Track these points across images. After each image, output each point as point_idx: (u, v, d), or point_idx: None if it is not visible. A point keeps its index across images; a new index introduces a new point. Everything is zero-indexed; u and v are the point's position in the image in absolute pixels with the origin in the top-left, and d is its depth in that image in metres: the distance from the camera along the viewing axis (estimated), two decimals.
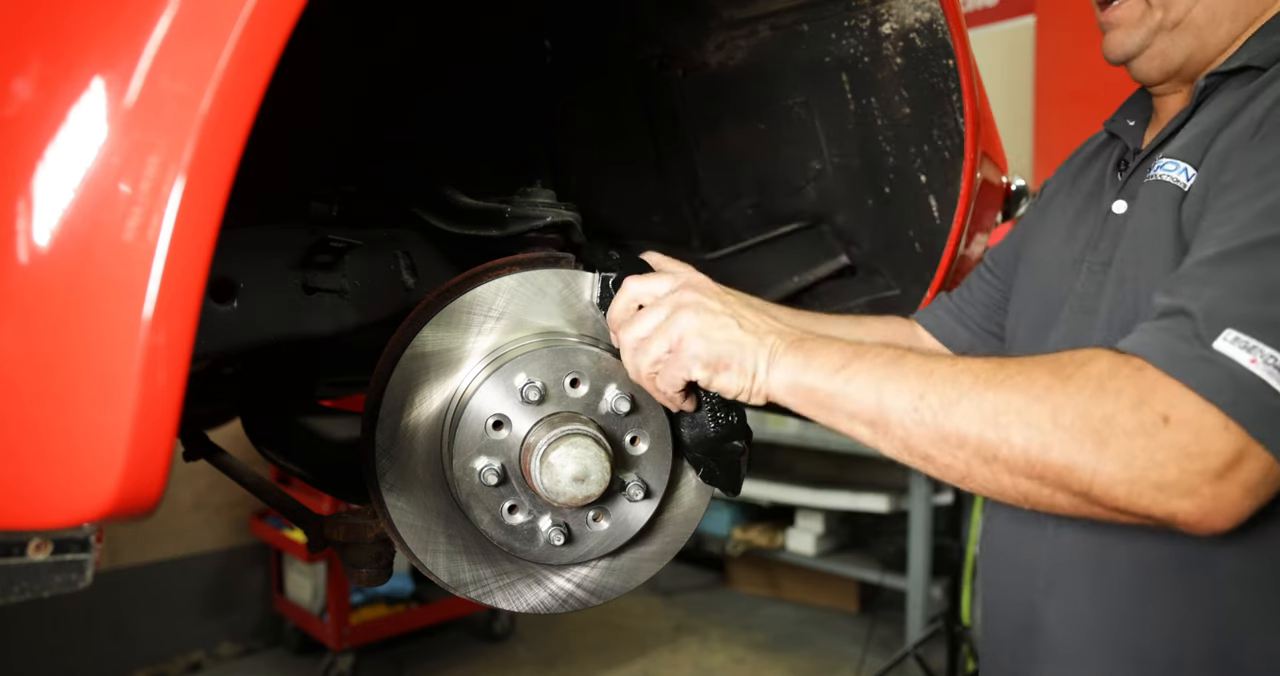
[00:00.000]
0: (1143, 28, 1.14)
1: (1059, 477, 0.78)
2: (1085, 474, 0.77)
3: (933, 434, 0.82)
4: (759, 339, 0.91)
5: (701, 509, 1.06)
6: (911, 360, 0.85)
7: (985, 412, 0.80)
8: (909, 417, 0.83)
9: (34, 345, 0.58)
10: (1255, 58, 1.03)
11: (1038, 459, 0.78)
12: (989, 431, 0.79)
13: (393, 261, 1.15)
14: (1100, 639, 1.05)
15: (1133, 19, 1.14)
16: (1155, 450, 0.75)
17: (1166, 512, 0.77)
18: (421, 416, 0.97)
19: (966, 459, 0.81)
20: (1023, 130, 4.35)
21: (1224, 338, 0.77)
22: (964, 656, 3.65)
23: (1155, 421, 0.75)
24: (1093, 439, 0.76)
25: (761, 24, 1.39)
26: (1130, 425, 0.76)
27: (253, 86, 0.61)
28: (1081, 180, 1.30)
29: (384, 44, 1.23)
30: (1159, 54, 1.14)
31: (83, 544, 0.67)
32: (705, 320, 0.91)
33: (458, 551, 0.99)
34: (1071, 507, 0.81)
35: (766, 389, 0.90)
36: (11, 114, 0.59)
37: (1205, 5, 1.10)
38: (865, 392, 0.85)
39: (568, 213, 1.09)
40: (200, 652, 4.27)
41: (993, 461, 0.80)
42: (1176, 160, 1.04)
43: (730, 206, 1.59)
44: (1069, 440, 0.76)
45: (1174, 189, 1.01)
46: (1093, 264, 1.14)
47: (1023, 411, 0.78)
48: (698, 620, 4.87)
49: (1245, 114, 0.98)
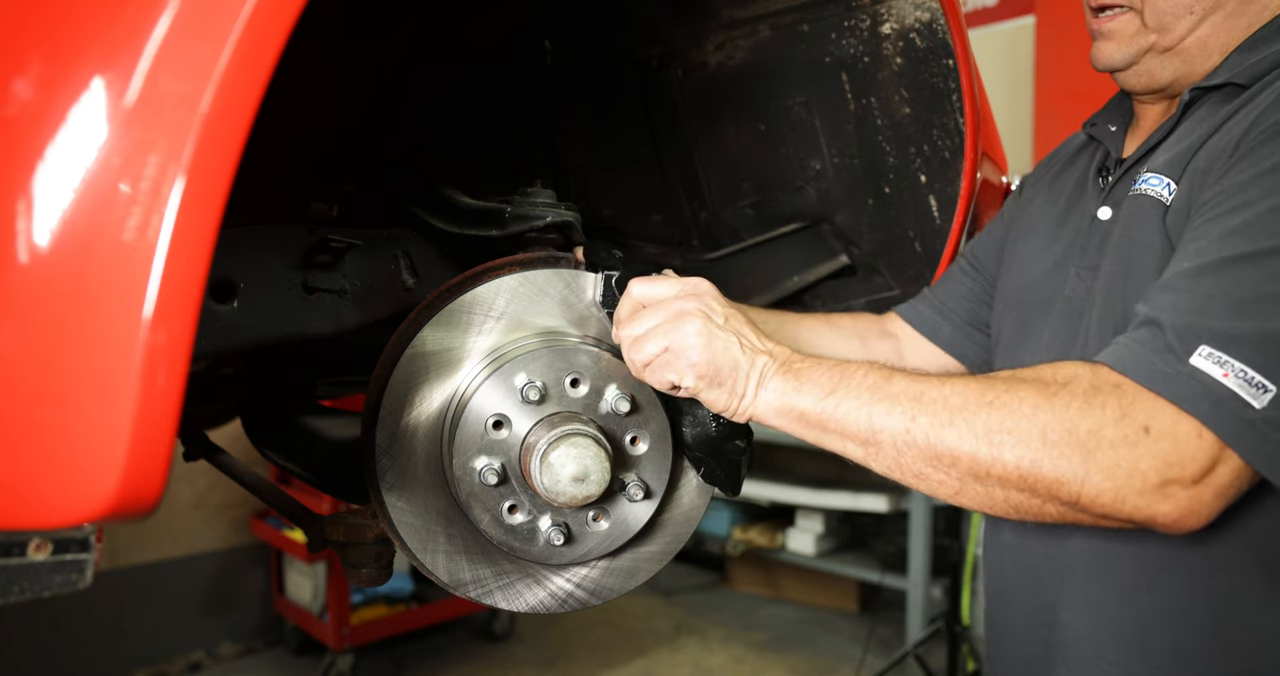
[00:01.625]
0: (1134, 46, 1.13)
1: (1049, 489, 0.83)
2: (1074, 485, 0.82)
3: (926, 454, 0.86)
4: (751, 360, 0.92)
5: (701, 509, 1.06)
6: (900, 381, 0.89)
7: (977, 432, 0.84)
8: (901, 439, 0.87)
9: (34, 345, 0.58)
10: (1238, 75, 1.04)
11: (1029, 473, 0.83)
12: (982, 449, 0.84)
13: (393, 261, 1.15)
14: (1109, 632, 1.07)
15: (1125, 35, 1.14)
16: (1138, 459, 0.81)
17: (1147, 516, 0.83)
18: (421, 416, 0.97)
19: (959, 476, 0.86)
20: (1023, 130, 4.35)
21: (1199, 353, 0.83)
22: (964, 656, 3.65)
23: (1138, 432, 0.81)
24: (1079, 452, 0.81)
25: (761, 24, 1.39)
26: (1115, 437, 0.81)
27: (253, 86, 0.61)
28: (1062, 182, 1.30)
29: (384, 44, 1.23)
30: (1146, 72, 1.14)
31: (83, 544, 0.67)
32: (710, 332, 0.92)
33: (457, 551, 0.99)
34: (1059, 516, 0.85)
35: (752, 410, 0.93)
36: (11, 114, 0.59)
37: (1199, 37, 1.10)
38: (856, 415, 0.88)
39: (568, 213, 1.09)
40: (200, 652, 4.27)
41: (985, 478, 0.85)
42: (1160, 175, 1.05)
43: (730, 206, 1.59)
44: (1058, 455, 0.81)
45: (1157, 203, 1.04)
46: (1081, 269, 1.15)
47: (1013, 430, 0.83)
48: (698, 620, 4.87)
49: (1225, 131, 1.00)
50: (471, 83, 1.45)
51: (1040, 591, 1.15)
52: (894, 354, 1.43)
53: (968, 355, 1.42)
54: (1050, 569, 1.13)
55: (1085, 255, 1.15)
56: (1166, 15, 1.10)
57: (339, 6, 1.00)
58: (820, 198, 1.51)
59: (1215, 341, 0.82)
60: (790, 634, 4.69)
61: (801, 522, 4.88)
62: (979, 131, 1.34)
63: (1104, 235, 1.13)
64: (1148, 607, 1.04)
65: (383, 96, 1.30)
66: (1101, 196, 1.17)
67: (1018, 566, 1.19)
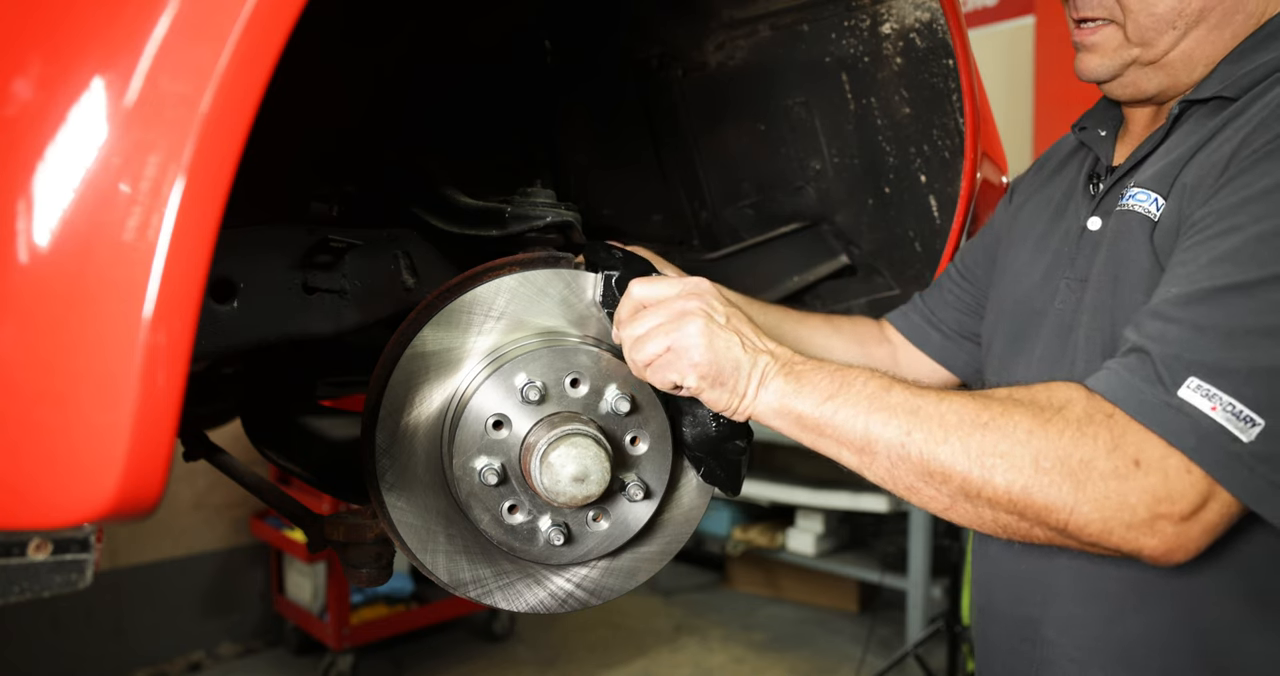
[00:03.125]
0: (1117, 59, 1.11)
1: (1038, 515, 0.83)
2: (1063, 513, 0.82)
3: (919, 469, 0.87)
4: (753, 359, 0.92)
5: (701, 509, 1.06)
6: (899, 393, 0.89)
7: (971, 453, 0.84)
8: (896, 452, 0.87)
9: (34, 345, 0.58)
10: (1227, 88, 1.02)
11: (1019, 498, 0.83)
12: (974, 470, 0.84)
13: (393, 261, 1.15)
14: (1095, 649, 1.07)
15: (1108, 48, 1.11)
16: (1128, 493, 0.81)
17: (1134, 548, 0.83)
18: (421, 416, 0.97)
19: (950, 493, 0.86)
20: (1023, 130, 4.35)
21: (1188, 385, 0.83)
22: (964, 656, 3.65)
23: (1128, 465, 0.81)
24: (1070, 481, 0.82)
25: (761, 24, 1.39)
26: (1105, 469, 0.82)
27: (253, 86, 0.61)
28: (1052, 188, 1.29)
29: (384, 44, 1.23)
30: (1131, 84, 1.13)
31: (83, 544, 0.67)
32: (712, 332, 0.92)
33: (457, 551, 0.99)
34: (1046, 539, 0.86)
35: (752, 409, 0.93)
36: (11, 114, 0.59)
37: (1183, 50, 1.07)
38: (853, 423, 0.89)
39: (568, 213, 1.09)
40: (200, 652, 4.27)
41: (976, 498, 0.85)
42: (1147, 191, 1.04)
43: (730, 206, 1.59)
44: (1049, 483, 0.82)
45: (1145, 220, 1.02)
46: (1070, 281, 1.14)
47: (1007, 454, 0.83)
48: (698, 620, 4.87)
49: (1214, 146, 0.98)
50: (471, 83, 1.45)
51: (1024, 607, 1.14)
52: (890, 360, 1.43)
53: (957, 365, 1.42)
54: (1035, 586, 1.13)
55: (1074, 266, 1.14)
56: (1149, 30, 1.07)
57: (339, 6, 1.00)
58: (820, 198, 1.51)
59: (1204, 374, 0.82)
60: (790, 634, 4.69)
61: (801, 522, 4.88)
62: (979, 131, 1.34)
63: (1094, 246, 1.12)
64: (1134, 629, 1.04)
65: (383, 96, 1.30)
66: (1092, 205, 1.16)
67: (1003, 581, 1.19)
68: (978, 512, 0.86)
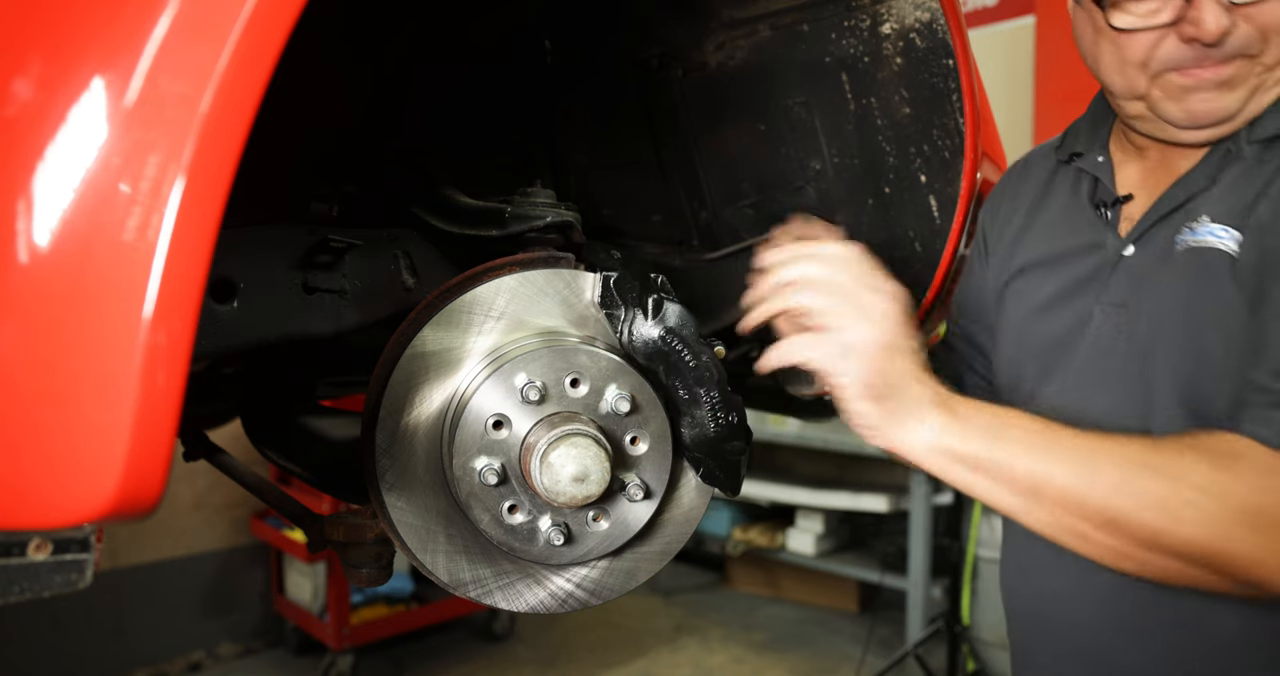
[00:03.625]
0: (1245, 88, 1.01)
1: (1221, 565, 0.83)
2: (1245, 562, 0.82)
3: (1093, 514, 0.84)
4: (920, 391, 0.90)
5: (701, 509, 1.06)
6: (1066, 435, 0.87)
7: (1149, 500, 0.83)
8: (1070, 496, 0.85)
9: (34, 345, 0.58)
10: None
11: (1203, 547, 0.82)
12: (1158, 519, 0.83)
13: (393, 261, 1.15)
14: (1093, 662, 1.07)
15: (1245, 82, 1.01)
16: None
17: None
18: (421, 416, 0.97)
19: (1124, 538, 0.85)
20: (1023, 130, 4.35)
21: None
22: (964, 656, 3.65)
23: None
24: (1257, 534, 0.81)
25: (761, 24, 1.39)
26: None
27: (253, 86, 0.61)
28: (1044, 211, 1.27)
29: (384, 44, 1.23)
30: (1245, 117, 1.03)
31: (83, 544, 0.67)
32: (894, 347, 0.89)
33: (457, 551, 0.99)
34: (1209, 585, 0.85)
35: (902, 442, 0.90)
36: (11, 114, 0.59)
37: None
38: (1020, 463, 0.86)
39: (568, 213, 1.08)
40: (200, 652, 4.27)
41: (1152, 546, 0.84)
42: (1225, 226, 1.00)
43: (730, 206, 1.59)
44: (1236, 536, 0.81)
45: (1223, 256, 0.99)
46: (1106, 306, 1.11)
47: (1191, 502, 0.82)
48: (698, 620, 4.87)
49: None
50: (471, 83, 1.45)
51: (1118, 637, 1.08)
52: None
53: None
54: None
55: (1108, 290, 1.11)
56: None
57: (339, 6, 1.00)
58: (820, 198, 1.50)
59: None
60: (790, 634, 4.69)
61: (801, 522, 4.88)
62: (979, 131, 1.34)
63: (1131, 274, 1.09)
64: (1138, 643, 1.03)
65: (383, 96, 1.30)
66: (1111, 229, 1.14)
67: (1086, 605, 1.11)
68: (1151, 561, 0.85)
